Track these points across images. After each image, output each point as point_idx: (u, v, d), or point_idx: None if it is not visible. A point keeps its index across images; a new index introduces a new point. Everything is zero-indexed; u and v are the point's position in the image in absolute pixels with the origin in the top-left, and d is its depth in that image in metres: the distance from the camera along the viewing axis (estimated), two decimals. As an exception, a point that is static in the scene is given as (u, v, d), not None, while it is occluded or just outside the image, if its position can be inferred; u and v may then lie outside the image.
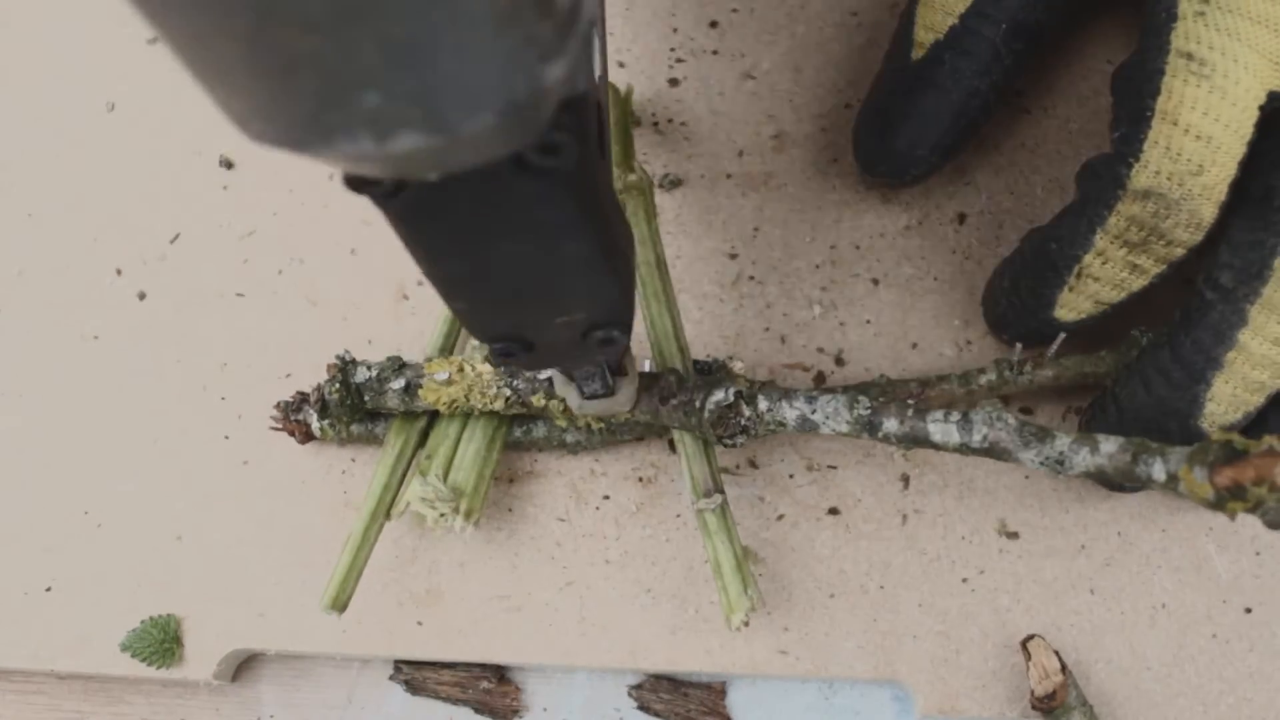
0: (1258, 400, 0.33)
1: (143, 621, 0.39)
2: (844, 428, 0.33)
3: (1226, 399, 0.32)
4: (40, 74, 0.47)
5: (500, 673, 0.39)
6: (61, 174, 0.46)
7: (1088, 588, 0.38)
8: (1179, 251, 0.33)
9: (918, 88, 0.37)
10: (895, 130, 0.38)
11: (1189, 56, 0.31)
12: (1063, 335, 0.36)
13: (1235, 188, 0.32)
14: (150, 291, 0.44)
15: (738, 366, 0.36)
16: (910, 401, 0.36)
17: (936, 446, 0.32)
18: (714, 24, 0.44)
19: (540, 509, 0.40)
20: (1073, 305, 0.35)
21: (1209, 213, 0.32)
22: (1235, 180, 0.31)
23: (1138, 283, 0.34)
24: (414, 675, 0.39)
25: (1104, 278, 0.34)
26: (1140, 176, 0.32)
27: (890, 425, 0.33)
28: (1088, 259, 0.34)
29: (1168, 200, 0.32)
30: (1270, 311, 0.31)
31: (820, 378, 0.40)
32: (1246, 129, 0.31)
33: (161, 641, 0.38)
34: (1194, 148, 0.31)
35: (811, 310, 0.41)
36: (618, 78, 0.43)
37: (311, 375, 0.42)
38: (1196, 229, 0.32)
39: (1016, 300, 0.37)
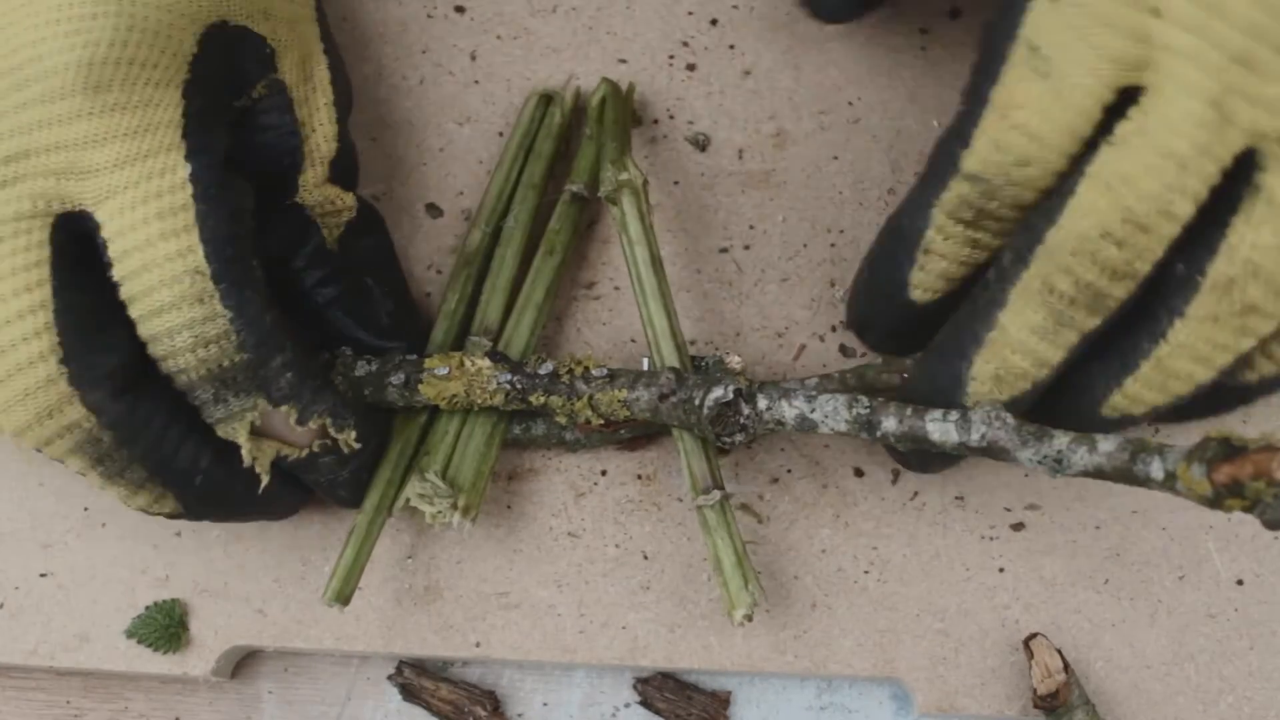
0: (1023, 385, 0.32)
1: (147, 607, 0.39)
2: (843, 427, 0.33)
3: (989, 378, 0.32)
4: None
5: (495, 704, 0.39)
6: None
7: (1087, 585, 0.38)
8: (1010, 229, 0.32)
9: None
10: None
11: (1033, 48, 0.30)
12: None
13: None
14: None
15: (734, 362, 0.36)
16: (904, 375, 0.35)
17: (935, 446, 0.32)
18: (714, 21, 0.44)
19: (539, 506, 0.40)
20: (925, 284, 0.34)
21: (1031, 200, 0.32)
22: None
23: (982, 257, 0.33)
24: (413, 681, 0.39)
25: (948, 254, 0.33)
26: (969, 161, 0.31)
27: (889, 424, 0.33)
28: (930, 234, 0.33)
29: (992, 185, 0.31)
30: (1027, 298, 0.31)
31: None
32: (1083, 128, 0.30)
33: (167, 626, 0.38)
34: (1022, 144, 0.31)
35: (812, 308, 0.41)
36: (618, 75, 0.43)
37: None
38: (1022, 212, 0.32)
39: (875, 289, 0.36)
